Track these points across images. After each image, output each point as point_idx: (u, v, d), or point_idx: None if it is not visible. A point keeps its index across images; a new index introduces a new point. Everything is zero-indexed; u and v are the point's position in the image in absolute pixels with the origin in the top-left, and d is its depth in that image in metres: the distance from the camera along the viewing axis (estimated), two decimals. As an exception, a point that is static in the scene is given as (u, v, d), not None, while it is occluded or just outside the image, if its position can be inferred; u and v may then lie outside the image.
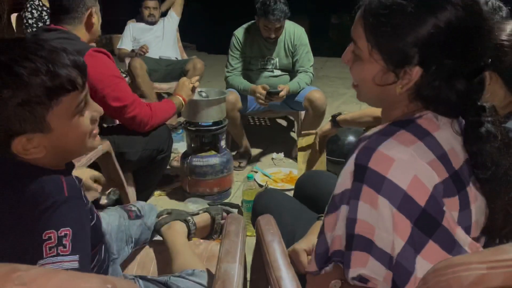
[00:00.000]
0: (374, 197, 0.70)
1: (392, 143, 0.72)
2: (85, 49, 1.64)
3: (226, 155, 2.44)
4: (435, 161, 0.72)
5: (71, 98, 0.79)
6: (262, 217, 1.12)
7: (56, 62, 0.76)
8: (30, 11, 3.03)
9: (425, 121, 0.75)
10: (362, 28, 0.76)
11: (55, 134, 0.79)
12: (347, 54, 0.82)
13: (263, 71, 2.96)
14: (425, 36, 0.70)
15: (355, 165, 0.73)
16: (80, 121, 0.83)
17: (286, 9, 2.69)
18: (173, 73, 3.68)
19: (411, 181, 0.69)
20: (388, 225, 0.69)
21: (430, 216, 0.69)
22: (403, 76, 0.74)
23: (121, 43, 3.95)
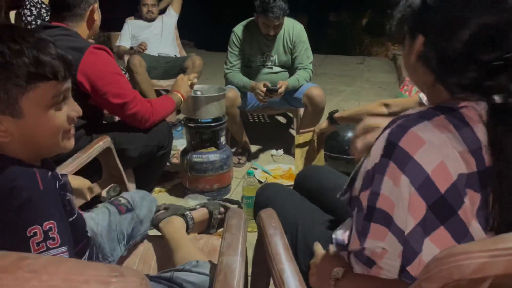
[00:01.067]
0: (397, 174, 0.71)
1: (427, 125, 0.73)
2: (86, 46, 1.64)
3: (226, 152, 2.45)
4: (467, 153, 0.71)
5: (49, 86, 0.78)
6: (263, 210, 1.12)
7: (42, 49, 0.77)
8: (29, 8, 3.02)
9: (468, 111, 0.75)
10: None
11: (26, 121, 0.78)
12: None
13: (262, 68, 2.96)
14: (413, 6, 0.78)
15: (386, 140, 0.75)
16: (55, 115, 0.82)
17: (285, 7, 2.69)
18: (172, 70, 3.68)
19: (436, 166, 0.70)
20: (405, 204, 0.71)
21: (447, 203, 0.69)
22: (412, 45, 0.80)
23: (120, 40, 3.95)
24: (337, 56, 6.79)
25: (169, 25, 4.02)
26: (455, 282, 0.55)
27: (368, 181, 0.78)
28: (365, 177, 0.80)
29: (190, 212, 1.45)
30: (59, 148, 0.87)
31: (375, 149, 0.78)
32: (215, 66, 4.99)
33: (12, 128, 0.78)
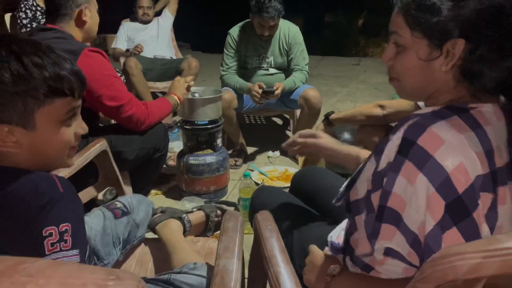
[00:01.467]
0: (414, 173, 0.70)
1: (445, 125, 0.73)
2: (80, 48, 1.64)
3: (222, 154, 2.45)
4: (482, 154, 0.72)
5: (64, 102, 0.81)
6: (260, 213, 1.13)
7: (62, 66, 0.80)
8: (24, 11, 3.02)
9: (478, 114, 0.76)
10: (402, 16, 0.80)
11: (37, 134, 0.80)
12: (389, 49, 0.84)
13: (258, 70, 2.97)
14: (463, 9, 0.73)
15: (403, 138, 0.73)
16: (65, 131, 0.84)
17: (280, 7, 2.70)
18: (168, 72, 3.68)
19: (456, 166, 0.69)
20: (421, 204, 0.70)
21: (463, 204, 0.69)
22: (447, 53, 0.76)
23: (116, 42, 3.94)
24: (333, 57, 6.81)
25: (165, 27, 4.01)
26: (449, 283, 0.56)
27: (379, 182, 0.77)
28: (376, 178, 0.78)
29: (187, 215, 1.45)
30: (62, 164, 0.90)
31: (388, 149, 0.76)
32: (211, 67, 5.00)
33: (23, 139, 0.80)
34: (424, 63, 0.79)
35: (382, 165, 0.77)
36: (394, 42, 0.83)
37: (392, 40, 0.83)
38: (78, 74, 0.83)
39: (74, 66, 0.83)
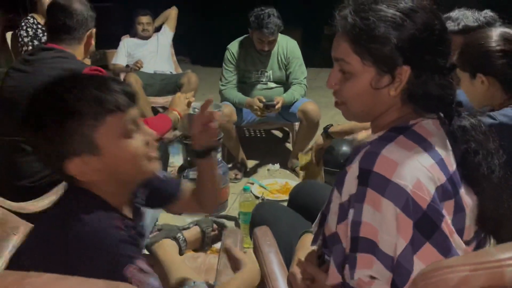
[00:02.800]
0: (378, 199, 0.73)
1: (394, 147, 0.76)
2: (81, 68, 1.67)
3: (222, 168, 2.47)
4: (434, 165, 0.76)
5: (116, 118, 0.83)
6: (258, 228, 1.14)
7: (102, 88, 0.83)
8: (25, 29, 3.06)
9: (420, 128, 0.80)
10: (348, 44, 0.81)
11: (106, 155, 0.83)
12: (334, 75, 0.85)
13: (257, 84, 3.00)
14: (407, 37, 0.77)
15: (359, 169, 0.77)
16: (130, 143, 0.86)
17: (279, 22, 2.75)
18: (168, 87, 3.72)
19: (414, 184, 0.72)
20: (392, 227, 0.72)
21: (430, 219, 0.72)
22: (394, 79, 0.79)
23: (116, 58, 3.99)
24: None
25: (165, 42, 4.06)
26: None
27: (344, 213, 0.79)
28: (341, 210, 0.81)
29: (182, 233, 1.45)
30: (145, 173, 0.91)
31: (347, 181, 0.79)
32: (211, 81, 5.03)
33: (97, 165, 0.83)
34: (371, 89, 0.81)
35: (344, 197, 0.80)
36: (340, 68, 0.84)
37: (338, 66, 0.85)
38: (124, 89, 0.85)
39: (118, 84, 0.86)
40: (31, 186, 1.60)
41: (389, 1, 0.80)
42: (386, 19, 0.78)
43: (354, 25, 0.80)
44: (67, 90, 0.82)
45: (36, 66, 1.66)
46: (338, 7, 0.85)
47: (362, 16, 0.79)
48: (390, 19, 0.77)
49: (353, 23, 0.80)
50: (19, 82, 1.67)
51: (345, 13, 0.82)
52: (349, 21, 0.81)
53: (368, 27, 0.78)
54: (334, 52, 0.85)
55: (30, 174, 1.60)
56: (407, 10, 0.78)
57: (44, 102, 0.82)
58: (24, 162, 1.60)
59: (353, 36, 0.80)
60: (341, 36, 0.83)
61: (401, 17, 0.77)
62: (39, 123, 0.81)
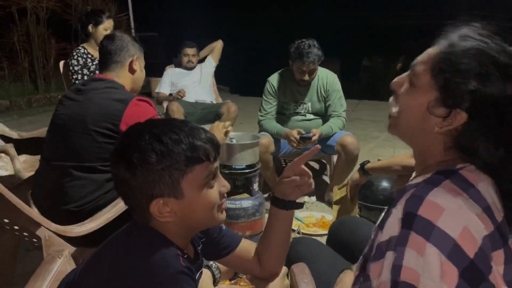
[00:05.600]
0: (422, 244, 0.71)
1: (441, 192, 0.74)
2: (129, 98, 1.74)
3: (259, 198, 2.47)
4: (482, 213, 0.73)
5: (203, 167, 0.88)
6: (295, 265, 1.13)
7: (195, 136, 0.87)
8: (76, 58, 3.23)
9: (467, 173, 0.77)
10: (431, 62, 0.80)
11: (186, 201, 0.88)
12: (402, 80, 0.85)
13: (296, 115, 3.02)
14: (487, 90, 0.74)
15: (404, 212, 0.75)
16: (209, 192, 0.90)
17: (319, 53, 2.79)
18: (208, 116, 3.80)
19: (461, 231, 0.70)
20: (435, 274, 0.69)
21: (478, 269, 0.69)
22: (448, 117, 0.77)
23: (160, 87, 4.13)
24: (370, 101, 6.79)
25: (207, 73, 4.18)
26: None
27: (380, 253, 0.78)
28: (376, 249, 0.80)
29: (214, 262, 1.45)
30: (214, 222, 0.96)
31: (390, 222, 0.78)
32: (249, 110, 5.10)
33: (176, 208, 0.88)
34: (424, 111, 0.80)
35: (384, 237, 0.78)
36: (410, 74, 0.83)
37: (410, 71, 0.84)
38: (212, 139, 0.90)
39: (206, 134, 0.90)
40: (76, 211, 1.65)
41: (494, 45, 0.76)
42: (481, 62, 0.75)
43: (449, 45, 0.79)
44: (164, 132, 0.86)
45: (87, 95, 1.75)
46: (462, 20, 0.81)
47: (461, 41, 0.78)
48: (483, 64, 0.75)
49: (449, 43, 0.79)
50: (70, 110, 1.76)
51: (451, 31, 0.81)
52: (448, 38, 0.79)
53: (457, 55, 0.76)
54: (416, 60, 0.84)
55: (76, 199, 1.66)
56: (502, 66, 0.75)
57: (143, 140, 0.85)
58: (71, 187, 1.67)
59: (441, 54, 0.79)
60: (434, 48, 0.81)
61: (495, 69, 0.75)
62: (138, 161, 0.84)
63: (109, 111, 1.70)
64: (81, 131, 1.70)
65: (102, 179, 1.73)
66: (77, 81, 3.13)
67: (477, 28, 0.79)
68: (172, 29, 7.28)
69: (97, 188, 1.73)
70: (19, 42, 6.72)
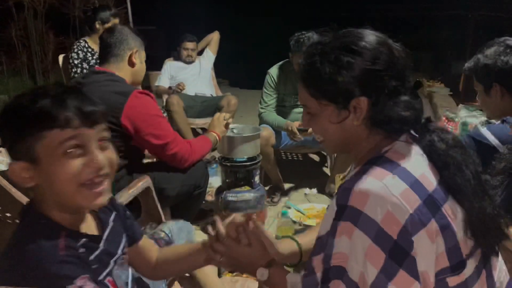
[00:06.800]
0: (350, 229, 0.78)
1: (366, 179, 0.80)
2: (130, 90, 1.74)
3: (260, 190, 2.47)
4: (408, 190, 0.78)
5: (57, 134, 0.82)
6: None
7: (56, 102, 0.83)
8: (76, 52, 3.22)
9: (392, 154, 0.84)
10: (305, 89, 0.90)
11: (44, 168, 0.83)
12: (304, 117, 0.94)
13: (296, 107, 3.02)
14: (356, 72, 0.83)
15: (337, 205, 0.82)
16: (68, 163, 0.83)
17: None
18: (208, 109, 3.79)
19: (384, 215, 0.76)
20: (360, 256, 0.77)
21: (401, 247, 0.76)
22: (355, 110, 0.85)
23: (159, 80, 4.12)
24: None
25: (206, 66, 4.17)
26: None
27: (321, 246, 0.84)
28: (318, 242, 0.86)
29: None
30: (84, 201, 0.87)
31: (327, 217, 0.84)
32: (249, 103, 5.09)
33: (34, 174, 0.84)
34: (335, 124, 0.88)
35: (321, 232, 0.85)
36: (307, 112, 0.92)
37: (305, 110, 0.93)
38: (81, 107, 0.84)
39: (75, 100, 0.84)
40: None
41: (334, 42, 0.87)
42: (331, 60, 0.85)
43: (304, 71, 0.89)
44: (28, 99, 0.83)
45: (88, 88, 1.74)
46: None
47: (309, 61, 0.88)
48: (335, 59, 0.84)
49: (303, 69, 0.89)
50: (71, 103, 1.76)
51: (301, 61, 0.91)
52: (302, 68, 0.90)
53: (316, 71, 0.86)
54: (299, 99, 0.94)
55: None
56: (351, 48, 0.84)
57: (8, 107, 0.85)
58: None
59: (306, 81, 0.89)
60: (300, 83, 0.91)
61: (346, 56, 0.84)
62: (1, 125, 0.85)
63: (110, 104, 1.69)
64: (82, 124, 1.69)
65: (103, 172, 1.74)
66: (76, 74, 3.12)
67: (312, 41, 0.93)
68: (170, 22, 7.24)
69: (98, 182, 1.73)
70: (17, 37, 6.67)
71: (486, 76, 1.50)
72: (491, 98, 1.52)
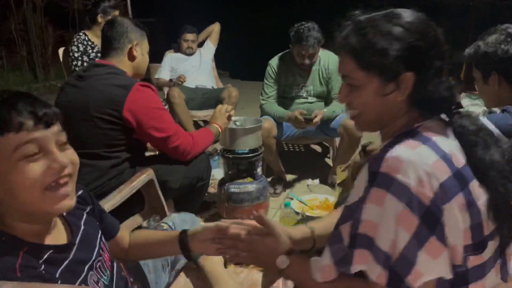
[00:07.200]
0: (382, 195, 0.78)
1: (398, 148, 0.82)
2: (131, 83, 1.73)
3: (262, 182, 2.47)
4: (439, 161, 0.80)
5: (9, 139, 0.78)
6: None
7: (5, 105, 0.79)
8: (77, 45, 3.21)
9: (423, 129, 0.86)
10: (352, 61, 0.89)
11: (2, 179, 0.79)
12: (344, 90, 0.93)
13: (298, 98, 3.01)
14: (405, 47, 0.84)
15: (368, 173, 0.82)
16: (28, 168, 0.79)
17: (319, 36, 2.77)
18: (209, 101, 3.79)
19: (417, 182, 0.77)
20: (392, 223, 0.78)
21: (433, 214, 0.77)
22: (401, 85, 0.86)
23: (160, 73, 4.11)
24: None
25: (207, 57, 4.15)
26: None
27: (349, 215, 0.85)
28: (345, 211, 0.87)
29: None
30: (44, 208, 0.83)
31: (357, 186, 0.86)
32: (250, 95, 5.08)
33: None
34: (378, 98, 0.88)
35: (351, 200, 0.86)
36: (348, 83, 0.91)
37: (346, 82, 0.92)
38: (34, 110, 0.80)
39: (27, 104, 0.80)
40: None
41: (386, 17, 0.87)
42: (384, 33, 0.85)
43: (356, 43, 0.88)
44: None
45: (89, 82, 1.74)
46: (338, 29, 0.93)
47: (361, 33, 0.87)
48: (388, 33, 0.85)
49: (355, 41, 0.88)
50: (72, 97, 1.76)
51: (347, 33, 0.90)
52: (350, 40, 0.89)
53: (369, 43, 0.86)
54: (341, 70, 0.93)
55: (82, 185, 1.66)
56: (402, 23, 0.86)
57: None
58: (76, 173, 1.67)
59: (356, 53, 0.88)
60: (345, 55, 0.90)
61: (398, 29, 0.85)
62: None
63: (111, 97, 1.69)
64: (83, 118, 1.69)
65: (106, 165, 1.74)
66: (77, 67, 3.11)
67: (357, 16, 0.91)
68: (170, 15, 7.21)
69: (101, 175, 1.73)
70: (17, 31, 6.66)
71: (486, 64, 1.52)
72: (489, 86, 1.54)
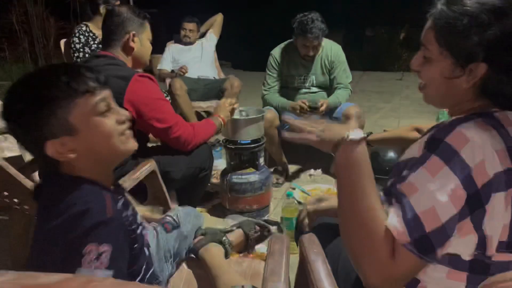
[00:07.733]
0: (439, 167, 0.78)
1: (471, 126, 0.80)
2: (131, 74, 1.73)
3: (265, 172, 2.48)
4: (504, 151, 0.79)
5: (86, 100, 0.89)
6: (304, 236, 1.13)
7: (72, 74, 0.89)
8: (78, 36, 3.20)
9: (501, 116, 0.84)
10: (433, 32, 0.87)
11: (82, 135, 0.89)
12: (418, 59, 0.92)
13: (300, 89, 3.00)
14: (490, 37, 0.80)
15: (431, 138, 0.81)
16: (103, 121, 0.92)
17: (323, 27, 2.74)
18: (211, 92, 3.78)
19: (478, 163, 0.77)
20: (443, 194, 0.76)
21: (480, 198, 0.77)
22: (470, 73, 0.84)
23: (161, 64, 4.10)
24: (375, 73, 6.73)
25: (209, 48, 4.13)
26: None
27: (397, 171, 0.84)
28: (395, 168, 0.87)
29: (227, 237, 1.47)
30: (121, 150, 0.97)
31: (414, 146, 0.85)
32: (252, 85, 5.06)
33: (74, 145, 0.89)
34: (446, 78, 0.87)
35: (404, 157, 0.86)
36: (424, 55, 0.90)
37: (422, 50, 0.91)
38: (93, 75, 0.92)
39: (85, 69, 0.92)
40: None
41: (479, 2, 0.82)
42: (473, 15, 0.81)
43: (441, 14, 0.85)
44: (40, 79, 0.89)
45: (90, 73, 1.74)
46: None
47: (450, 7, 0.84)
48: (476, 16, 0.81)
49: (440, 12, 0.85)
50: (74, 88, 1.75)
51: (439, 1, 0.87)
52: (437, 9, 0.86)
53: (453, 19, 0.83)
54: (422, 37, 0.91)
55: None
56: (496, 10, 0.80)
57: (20, 92, 0.88)
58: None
59: (438, 25, 0.86)
60: (430, 23, 0.88)
61: (489, 16, 0.80)
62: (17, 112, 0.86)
63: (111, 88, 1.68)
64: (85, 109, 1.69)
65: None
66: (78, 59, 3.11)
67: None
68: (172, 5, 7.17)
69: (103, 167, 1.74)
70: (18, 23, 6.65)
71: None
72: None
